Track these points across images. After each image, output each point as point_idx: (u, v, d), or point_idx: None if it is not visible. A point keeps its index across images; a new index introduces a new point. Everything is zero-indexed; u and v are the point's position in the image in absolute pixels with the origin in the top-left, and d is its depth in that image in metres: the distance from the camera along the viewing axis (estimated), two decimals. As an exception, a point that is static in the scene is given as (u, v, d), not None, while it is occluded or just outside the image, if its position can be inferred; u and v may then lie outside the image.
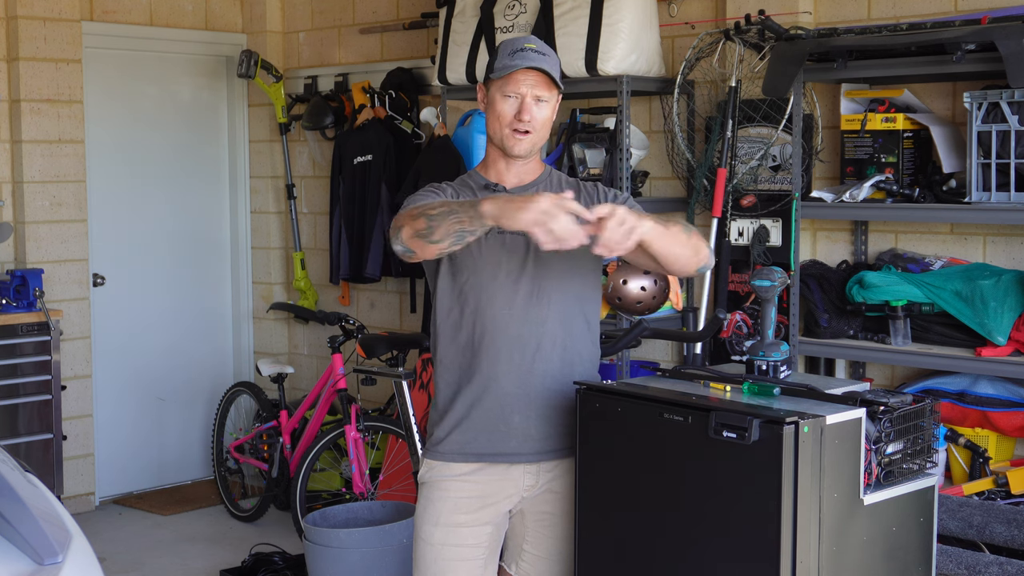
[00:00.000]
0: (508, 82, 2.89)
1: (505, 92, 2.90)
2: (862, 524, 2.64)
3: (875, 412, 2.66)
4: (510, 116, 2.90)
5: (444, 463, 3.00)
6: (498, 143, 2.95)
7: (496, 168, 3.00)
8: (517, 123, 2.90)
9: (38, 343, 5.66)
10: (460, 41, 5.15)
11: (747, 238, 4.73)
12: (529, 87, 2.89)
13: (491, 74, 2.92)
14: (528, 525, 3.04)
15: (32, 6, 5.91)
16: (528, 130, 2.90)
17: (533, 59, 2.88)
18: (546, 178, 3.04)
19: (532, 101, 2.90)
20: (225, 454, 6.19)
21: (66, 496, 5.99)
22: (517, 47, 2.91)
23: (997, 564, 3.45)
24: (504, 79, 2.89)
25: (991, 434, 4.15)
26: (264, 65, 6.45)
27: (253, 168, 6.92)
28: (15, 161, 5.96)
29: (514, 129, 2.90)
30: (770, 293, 3.05)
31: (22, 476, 2.86)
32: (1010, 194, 3.91)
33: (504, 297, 2.91)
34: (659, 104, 5.11)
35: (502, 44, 2.96)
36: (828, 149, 4.66)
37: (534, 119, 2.90)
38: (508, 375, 2.93)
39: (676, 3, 5.10)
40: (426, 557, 3.00)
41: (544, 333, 2.93)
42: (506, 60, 2.90)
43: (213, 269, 6.94)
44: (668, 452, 2.70)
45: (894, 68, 4.16)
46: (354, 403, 5.32)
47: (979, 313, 4.05)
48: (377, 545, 4.28)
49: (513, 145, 2.92)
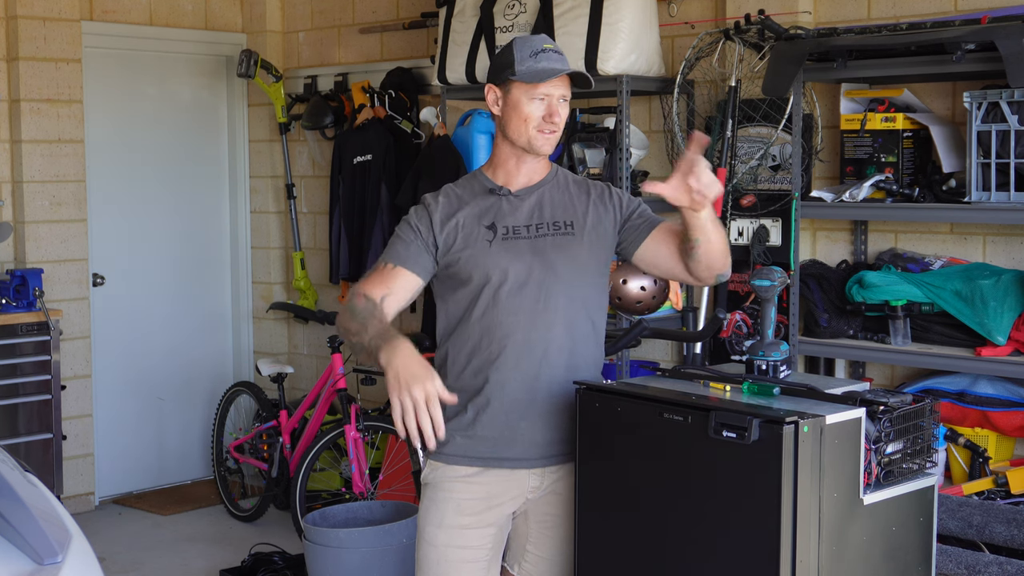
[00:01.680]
0: (537, 85, 2.89)
1: (533, 95, 2.89)
2: (862, 524, 2.64)
3: (875, 412, 2.66)
4: (538, 117, 2.90)
5: (448, 465, 3.00)
6: (524, 144, 2.93)
7: (506, 168, 2.99)
8: (547, 124, 2.91)
9: (38, 343, 5.66)
10: (460, 41, 5.15)
11: (747, 238, 4.73)
12: (555, 88, 2.90)
13: (513, 76, 2.89)
14: (531, 526, 3.05)
15: (32, 6, 5.91)
16: (554, 130, 2.93)
17: (559, 61, 2.90)
18: (552, 178, 3.04)
19: (558, 102, 2.91)
20: (225, 454, 6.19)
21: (66, 496, 5.99)
22: (537, 48, 2.90)
23: (997, 564, 3.45)
24: (533, 83, 2.88)
25: (991, 434, 4.15)
26: (264, 65, 6.45)
27: (253, 168, 6.92)
28: (15, 161, 5.96)
29: (541, 130, 2.91)
30: (770, 293, 3.05)
31: (22, 476, 2.86)
32: (1010, 194, 3.91)
33: (511, 304, 2.91)
34: (659, 104, 5.11)
35: (517, 44, 2.93)
36: (828, 149, 4.66)
37: (561, 120, 2.93)
38: (515, 382, 2.92)
39: (676, 3, 5.10)
40: (429, 558, 3.00)
41: (551, 339, 2.93)
42: (531, 63, 2.88)
43: (213, 269, 6.94)
44: (668, 452, 2.70)
45: (894, 68, 4.16)
46: (354, 403, 5.32)
47: (979, 313, 4.05)
48: (377, 545, 4.28)
49: (542, 145, 2.93)
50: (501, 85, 2.94)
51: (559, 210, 2.98)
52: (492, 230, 2.94)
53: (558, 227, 2.96)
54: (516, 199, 2.97)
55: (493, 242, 2.92)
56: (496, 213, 2.96)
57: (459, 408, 2.97)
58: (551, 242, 2.93)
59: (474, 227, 2.94)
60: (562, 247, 2.94)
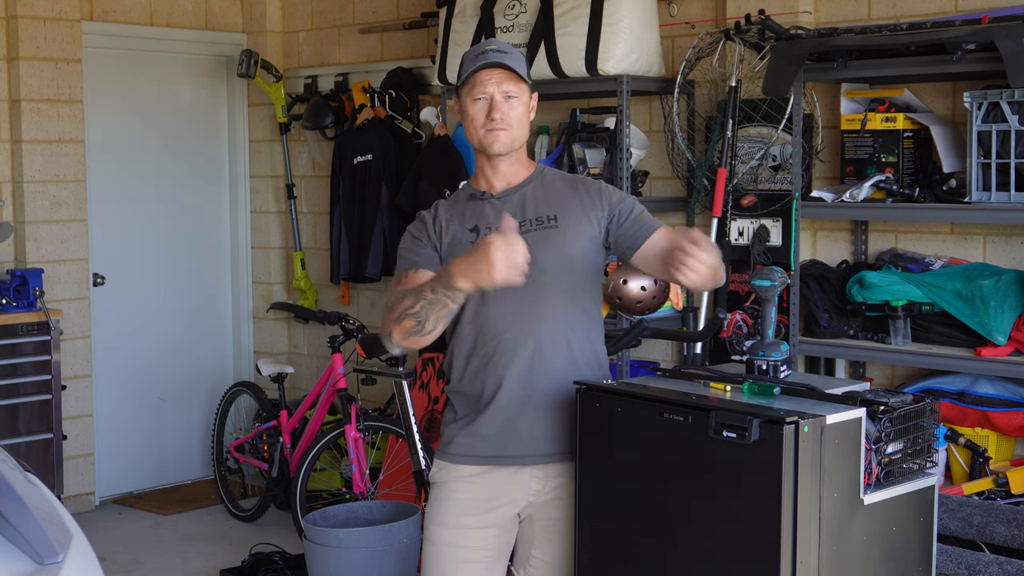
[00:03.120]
0: (475, 85, 2.91)
1: (474, 96, 2.92)
2: (862, 524, 2.64)
3: (875, 412, 2.66)
4: (482, 117, 2.92)
5: (453, 464, 3.01)
6: (477, 146, 2.97)
7: (484, 175, 3.02)
8: (489, 122, 2.91)
9: (38, 343, 5.66)
10: (460, 41, 5.15)
11: (747, 238, 4.73)
12: (495, 85, 2.90)
13: (458, 82, 2.95)
14: (536, 530, 3.05)
15: (32, 6, 5.91)
16: (502, 127, 2.91)
17: (494, 57, 2.90)
18: (537, 177, 3.03)
19: (501, 98, 2.91)
20: (225, 454, 6.19)
21: (66, 496, 5.99)
22: (478, 51, 2.94)
23: (997, 564, 3.45)
24: (471, 84, 2.92)
25: (991, 434, 4.15)
26: (264, 65, 6.45)
27: (253, 168, 6.92)
28: (15, 161, 5.96)
29: (488, 129, 2.91)
30: (770, 293, 3.05)
31: (22, 476, 2.86)
32: (1010, 194, 3.91)
33: (499, 302, 2.91)
34: (659, 104, 5.11)
35: (465, 54, 2.98)
36: (828, 149, 4.66)
37: (506, 116, 2.91)
38: (511, 377, 2.93)
39: (676, 3, 5.10)
40: (431, 557, 3.02)
41: (542, 333, 2.93)
42: (469, 65, 2.92)
43: (213, 269, 6.94)
44: (668, 452, 2.70)
45: (894, 68, 4.16)
46: (354, 403, 5.32)
47: (979, 313, 4.05)
48: (377, 545, 4.28)
49: (492, 143, 2.92)
50: (458, 95, 2.98)
51: (542, 205, 2.98)
52: (475, 232, 2.95)
53: (541, 222, 2.96)
54: (499, 202, 2.99)
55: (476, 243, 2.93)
56: (479, 216, 2.98)
57: (466, 409, 3.00)
58: (534, 237, 2.92)
59: (459, 232, 2.97)
60: (546, 241, 2.94)
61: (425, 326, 2.77)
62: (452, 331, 3.01)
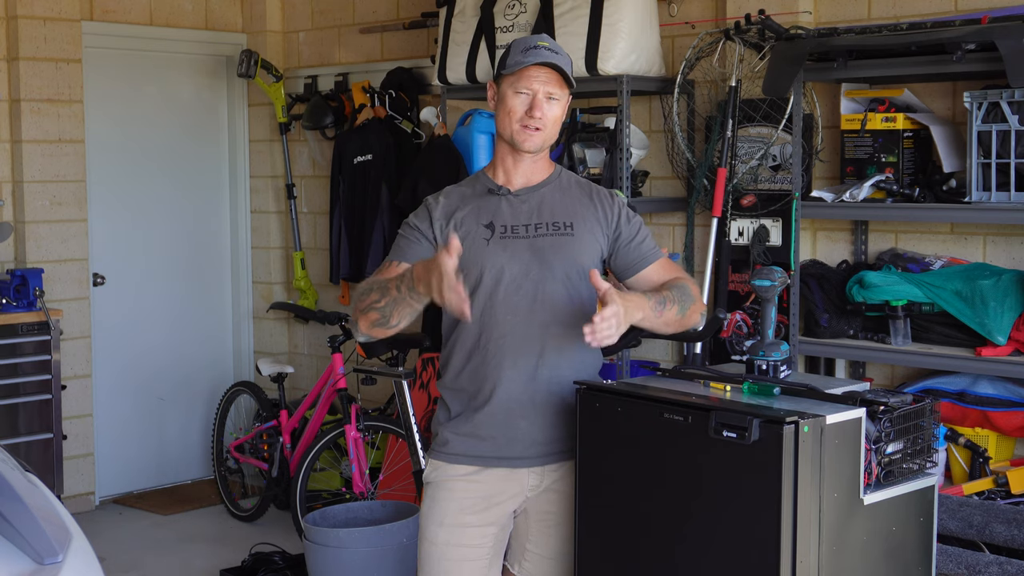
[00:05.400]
0: (520, 78, 2.89)
1: (517, 88, 2.90)
2: (862, 524, 2.64)
3: (875, 412, 2.66)
4: (521, 112, 2.90)
5: (450, 464, 3.00)
6: (508, 139, 2.94)
7: (504, 167, 3.00)
8: (528, 119, 2.90)
9: (38, 343, 5.66)
10: (460, 41, 5.15)
11: (747, 238, 4.73)
12: (541, 84, 2.89)
13: (503, 70, 2.92)
14: (531, 525, 3.05)
15: (32, 6, 5.91)
16: (539, 127, 2.91)
17: (546, 56, 2.88)
18: (555, 179, 3.03)
19: (544, 98, 2.90)
20: (225, 454, 6.19)
21: (66, 496, 5.99)
22: (530, 44, 2.91)
23: (997, 564, 3.45)
24: (516, 75, 2.89)
25: (991, 434, 4.15)
26: (264, 65, 6.45)
27: (253, 168, 6.92)
28: (15, 161, 5.96)
29: (524, 125, 2.90)
30: (770, 293, 3.06)
31: (22, 476, 2.86)
32: (1010, 194, 3.91)
33: (508, 302, 2.91)
34: (659, 104, 5.11)
35: (515, 42, 2.96)
36: (828, 149, 4.66)
37: (545, 116, 2.90)
38: (513, 380, 2.92)
39: (676, 3, 5.10)
40: (431, 557, 3.01)
41: (548, 338, 2.93)
42: (519, 56, 2.89)
43: (213, 269, 6.94)
44: (668, 452, 2.70)
45: (894, 68, 4.16)
46: (354, 403, 5.32)
47: (979, 313, 4.05)
48: (377, 545, 4.28)
49: (523, 140, 2.91)
50: (496, 81, 2.96)
51: (559, 210, 2.98)
52: (490, 228, 2.94)
53: (557, 227, 2.96)
54: (516, 199, 2.97)
55: (491, 240, 2.92)
56: (495, 212, 2.96)
57: (460, 407, 2.99)
58: (550, 242, 2.93)
59: (472, 225, 2.95)
60: (561, 247, 2.94)
61: (390, 320, 2.83)
62: (453, 327, 3.00)
